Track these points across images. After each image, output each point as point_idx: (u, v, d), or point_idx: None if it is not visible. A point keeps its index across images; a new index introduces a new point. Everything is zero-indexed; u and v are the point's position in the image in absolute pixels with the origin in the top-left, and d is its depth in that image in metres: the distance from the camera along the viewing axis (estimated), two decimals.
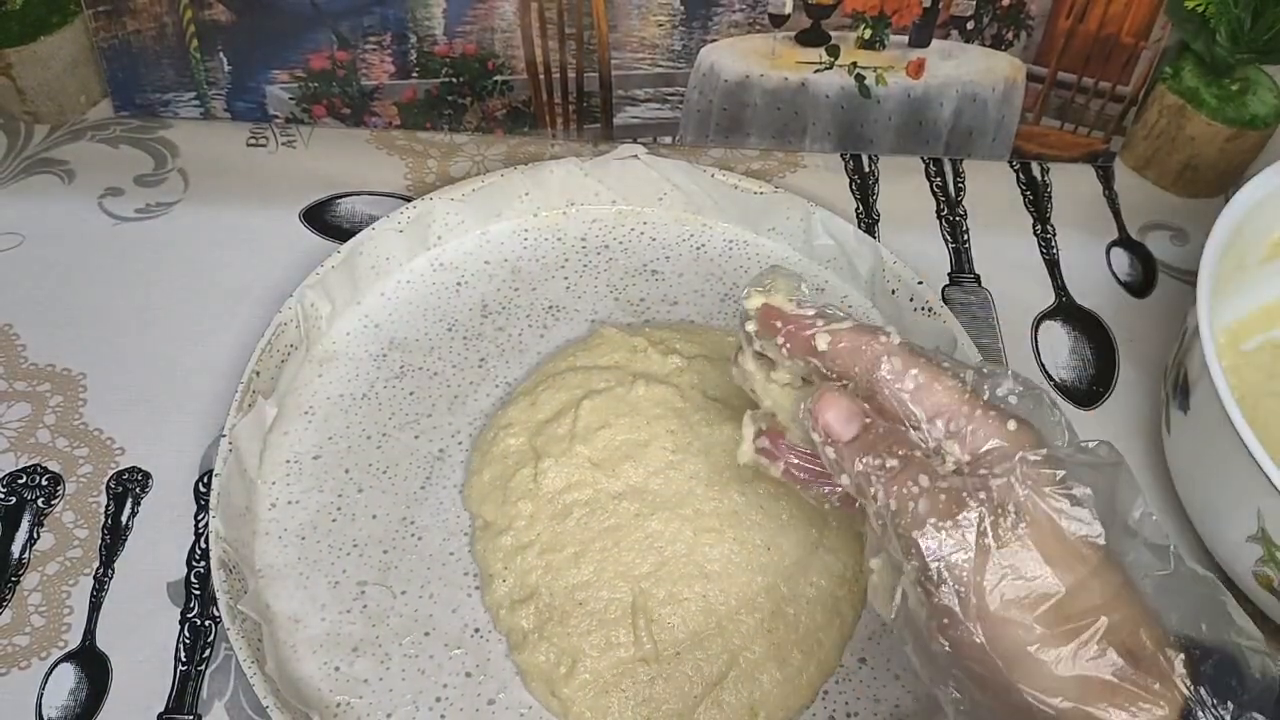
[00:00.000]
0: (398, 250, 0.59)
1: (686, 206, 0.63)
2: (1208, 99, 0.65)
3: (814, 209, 0.61)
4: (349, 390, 0.56)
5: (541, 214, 0.63)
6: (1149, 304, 0.64)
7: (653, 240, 0.62)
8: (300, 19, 0.62)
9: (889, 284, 0.59)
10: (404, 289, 0.59)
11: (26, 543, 0.51)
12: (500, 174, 0.61)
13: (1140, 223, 0.67)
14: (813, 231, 0.61)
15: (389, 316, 0.58)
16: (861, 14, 0.63)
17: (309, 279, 0.56)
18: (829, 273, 0.62)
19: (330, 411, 0.55)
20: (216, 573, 0.47)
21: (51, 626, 0.49)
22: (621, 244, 0.62)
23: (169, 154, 0.66)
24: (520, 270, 0.61)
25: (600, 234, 0.63)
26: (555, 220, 0.63)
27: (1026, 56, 0.65)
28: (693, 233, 0.63)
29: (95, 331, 0.58)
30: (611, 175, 0.62)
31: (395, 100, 0.66)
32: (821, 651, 0.48)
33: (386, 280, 0.60)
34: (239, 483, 0.51)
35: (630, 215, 0.63)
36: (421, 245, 0.60)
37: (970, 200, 0.67)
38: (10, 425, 0.55)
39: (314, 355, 0.57)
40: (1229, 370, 0.46)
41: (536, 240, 0.62)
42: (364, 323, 0.58)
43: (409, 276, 0.60)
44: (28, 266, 0.60)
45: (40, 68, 0.64)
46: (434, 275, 0.60)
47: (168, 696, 0.47)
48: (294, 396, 0.55)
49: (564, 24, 0.63)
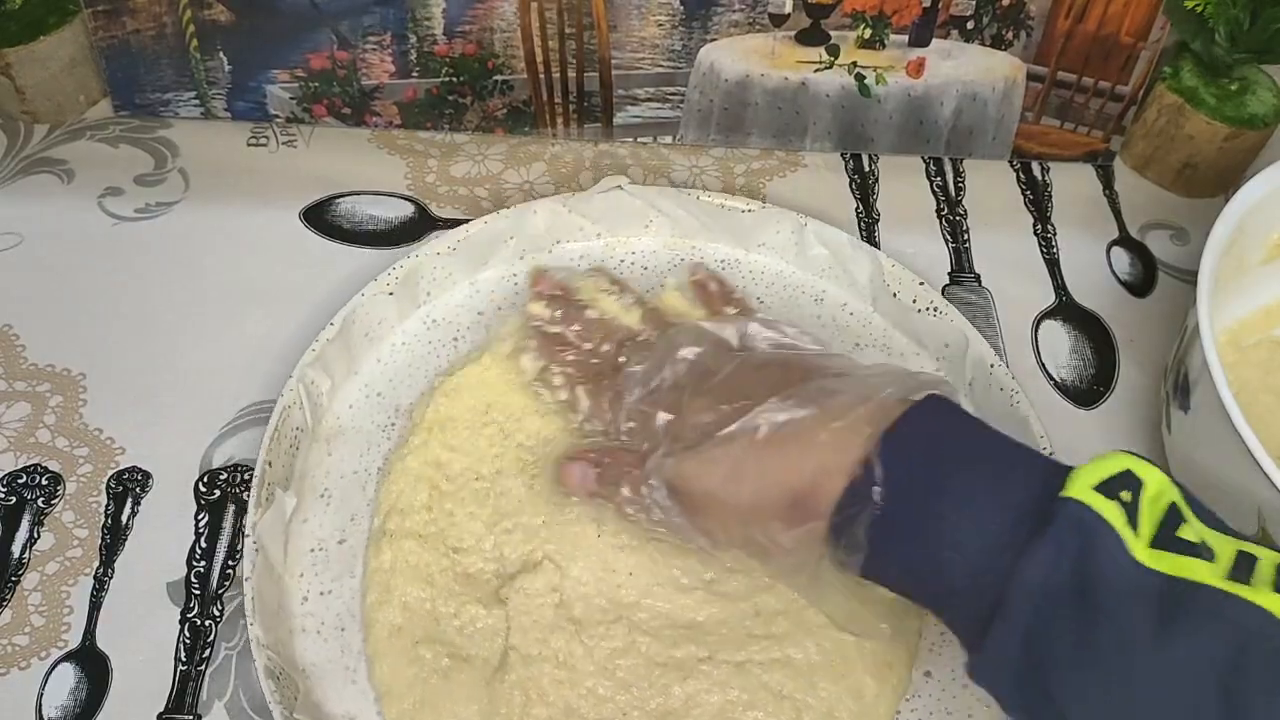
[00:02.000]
0: (389, 313, 0.57)
1: (674, 231, 0.62)
2: (1207, 98, 0.65)
3: (805, 221, 0.60)
4: (362, 466, 0.53)
5: (528, 256, 0.61)
6: (1149, 304, 0.64)
7: (644, 269, 0.61)
8: (300, 19, 0.62)
9: (890, 287, 0.59)
10: (400, 352, 0.57)
11: (26, 543, 0.51)
12: (483, 221, 0.59)
13: (1140, 222, 0.67)
14: (805, 243, 0.61)
15: (390, 383, 0.56)
16: (861, 14, 0.63)
17: (306, 357, 0.53)
18: (825, 282, 0.61)
19: (347, 491, 0.52)
20: (265, 683, 0.44)
21: (51, 626, 0.49)
22: None
23: (169, 154, 0.66)
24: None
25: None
26: (543, 261, 0.61)
27: (1026, 56, 0.65)
28: (683, 256, 0.62)
29: (95, 331, 0.58)
30: (595, 209, 0.61)
31: (396, 100, 0.66)
32: (894, 675, 0.47)
33: (381, 345, 0.57)
34: (269, 581, 0.48)
35: (618, 246, 0.62)
36: (412, 304, 0.58)
37: (970, 200, 0.68)
38: (10, 425, 0.55)
39: (320, 434, 0.54)
40: (1227, 368, 0.46)
41: (527, 284, 0.58)
42: (365, 393, 0.56)
43: (403, 338, 0.58)
44: (28, 266, 0.60)
45: (39, 67, 0.64)
46: (428, 333, 0.58)
47: (168, 696, 0.47)
48: (308, 480, 0.52)
49: (564, 24, 0.63)
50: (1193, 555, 0.35)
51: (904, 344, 0.59)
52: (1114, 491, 0.36)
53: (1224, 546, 0.36)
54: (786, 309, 0.60)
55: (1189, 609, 0.34)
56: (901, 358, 0.59)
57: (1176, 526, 0.36)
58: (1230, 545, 0.36)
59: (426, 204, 0.65)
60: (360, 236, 0.63)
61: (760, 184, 0.67)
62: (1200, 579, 0.35)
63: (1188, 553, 0.36)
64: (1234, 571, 0.35)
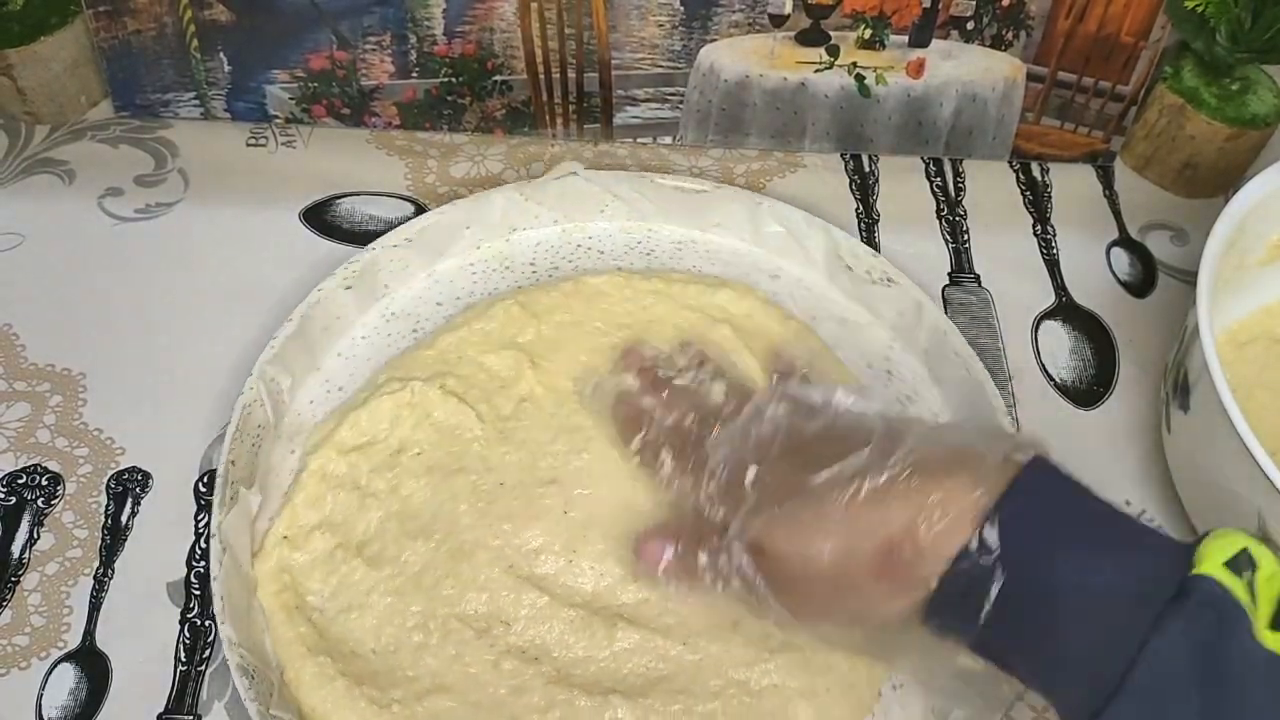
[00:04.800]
0: (348, 307, 0.57)
1: (630, 215, 0.62)
2: (1208, 98, 0.65)
3: (761, 200, 0.61)
4: None
5: (484, 245, 0.61)
6: (1149, 304, 0.64)
7: (601, 253, 0.62)
8: (300, 19, 0.62)
9: (844, 261, 0.60)
10: (360, 345, 0.57)
11: (26, 543, 0.51)
12: (439, 211, 0.59)
13: (1140, 223, 0.67)
14: (760, 221, 0.61)
15: (350, 377, 0.56)
16: (861, 14, 0.63)
17: (265, 354, 0.53)
18: (782, 260, 0.62)
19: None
20: (239, 681, 0.44)
21: (51, 626, 0.49)
22: (570, 261, 0.61)
23: (169, 154, 0.66)
24: (474, 306, 0.58)
25: (547, 255, 0.61)
26: (500, 249, 0.61)
27: (1026, 56, 0.65)
28: (639, 240, 0.62)
29: (95, 331, 0.58)
30: (551, 196, 0.61)
31: (395, 100, 0.66)
32: (855, 694, 0.47)
33: (341, 340, 0.57)
34: (237, 581, 0.47)
35: (574, 231, 0.62)
36: (371, 297, 0.58)
37: (970, 200, 0.67)
38: (10, 425, 0.55)
39: (283, 431, 0.54)
40: (1225, 365, 0.46)
41: (485, 272, 0.60)
42: (326, 388, 0.56)
43: (363, 332, 0.58)
44: (28, 266, 0.60)
45: (40, 68, 0.64)
46: (387, 326, 0.58)
47: (168, 696, 0.47)
48: (272, 477, 0.52)
49: (564, 24, 0.63)
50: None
51: (860, 314, 0.60)
52: (1239, 571, 0.36)
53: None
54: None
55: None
56: (858, 328, 0.60)
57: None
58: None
59: (426, 204, 0.65)
60: (360, 237, 0.63)
61: (760, 184, 0.67)
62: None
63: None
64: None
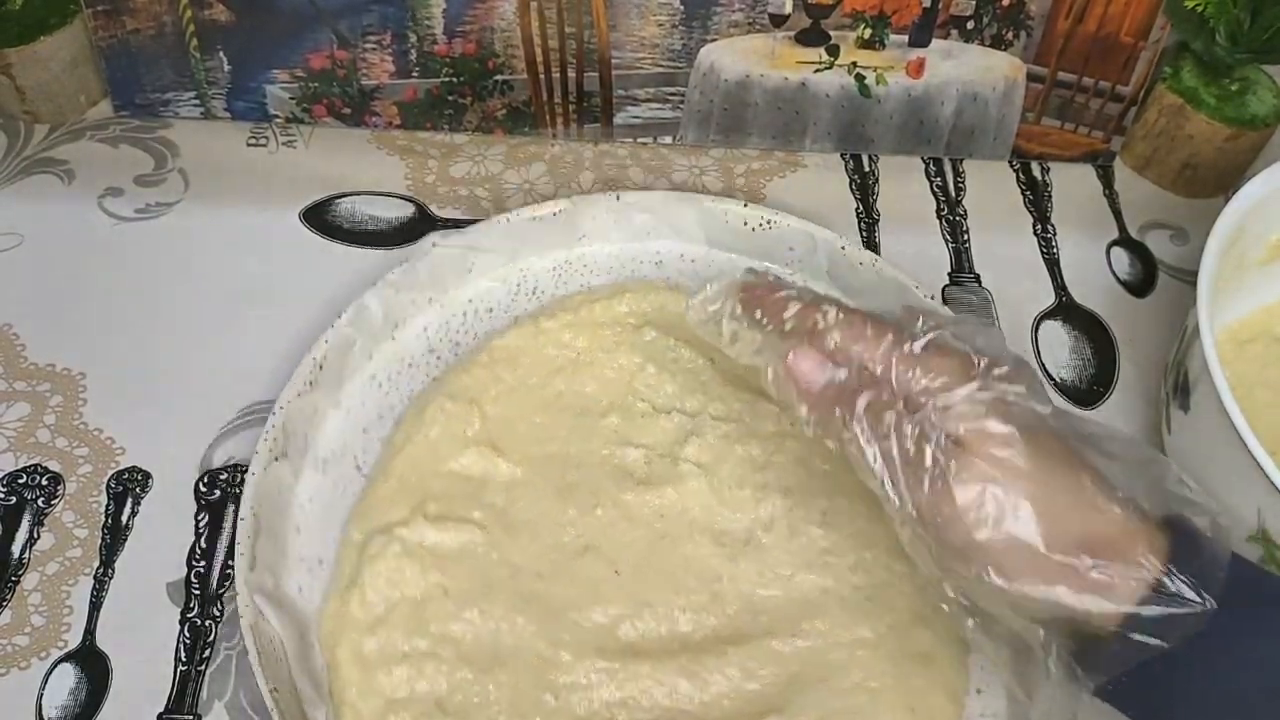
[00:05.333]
0: (285, 478, 0.52)
1: (498, 262, 0.60)
2: (1207, 99, 0.65)
3: (618, 195, 0.60)
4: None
5: (376, 354, 0.56)
6: (1149, 304, 0.64)
7: (490, 311, 0.58)
8: (300, 19, 0.62)
9: (719, 219, 0.60)
10: (312, 509, 0.52)
11: (26, 543, 0.51)
12: (322, 341, 0.54)
13: (1140, 222, 0.67)
14: (625, 216, 0.60)
15: (323, 545, 0.51)
16: (861, 14, 0.63)
17: (239, 565, 0.47)
18: (657, 242, 0.61)
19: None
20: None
21: (51, 626, 0.49)
22: (464, 331, 0.58)
23: (169, 154, 0.66)
24: (402, 419, 0.54)
25: (441, 335, 0.58)
26: (393, 350, 0.57)
27: (1026, 56, 0.65)
28: (517, 282, 0.60)
29: (95, 331, 0.58)
30: (421, 277, 0.57)
31: (395, 100, 0.66)
32: (942, 673, 0.47)
33: (291, 515, 0.51)
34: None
35: (450, 303, 0.58)
36: (300, 456, 0.53)
37: (970, 200, 0.67)
38: (10, 425, 0.55)
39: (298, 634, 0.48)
40: (1225, 364, 0.46)
41: (391, 379, 0.56)
42: (306, 568, 0.50)
43: (308, 494, 0.52)
44: (28, 266, 0.60)
45: (40, 68, 0.64)
46: (326, 477, 0.53)
47: (168, 696, 0.47)
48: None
49: (564, 24, 0.63)
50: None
51: (755, 264, 0.59)
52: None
53: None
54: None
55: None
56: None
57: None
58: None
59: (426, 204, 0.65)
60: (360, 237, 0.63)
61: (760, 184, 0.67)
62: None
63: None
64: None
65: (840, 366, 0.41)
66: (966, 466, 0.37)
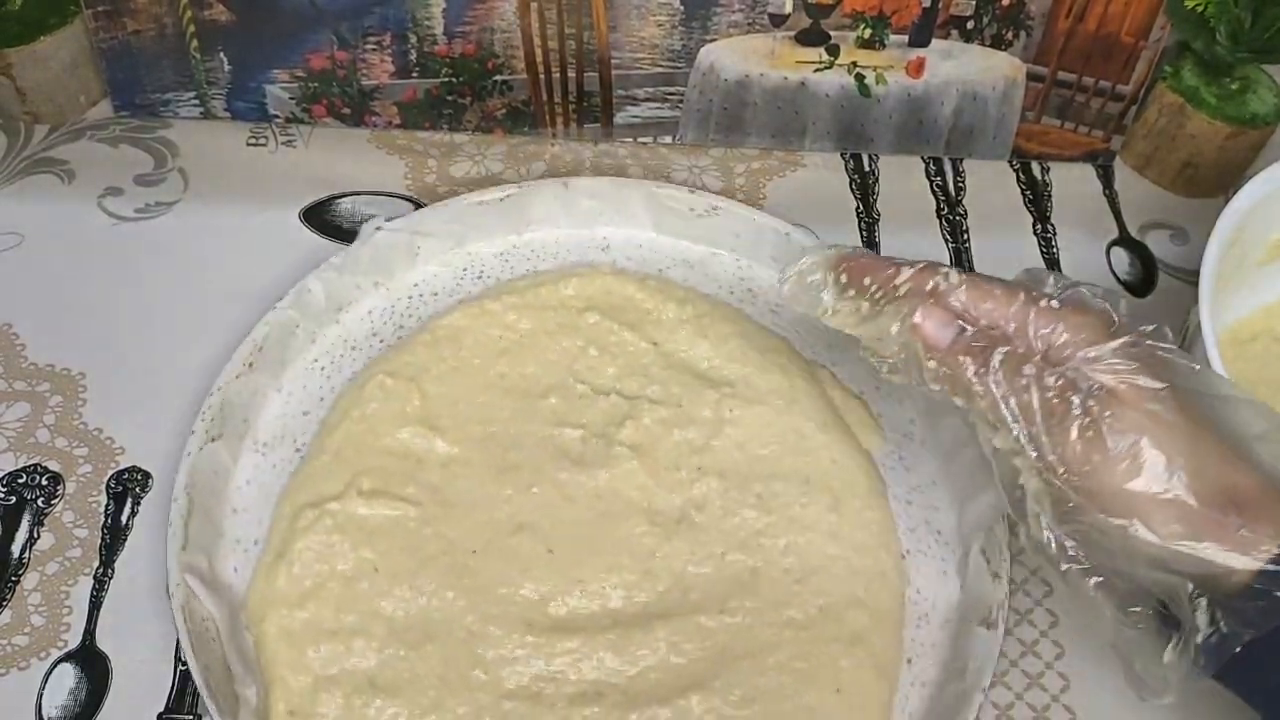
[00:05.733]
0: (222, 459, 0.52)
1: (444, 247, 0.60)
2: (1207, 98, 0.65)
3: (565, 182, 0.60)
4: None
5: (320, 337, 0.57)
6: (1149, 304, 0.64)
7: (435, 295, 0.59)
8: (300, 19, 0.62)
9: (665, 206, 0.60)
10: (249, 490, 0.52)
11: (26, 543, 0.51)
12: (264, 323, 0.54)
13: (1140, 222, 0.67)
14: (572, 203, 0.60)
15: (258, 526, 0.51)
16: (861, 13, 0.63)
17: (171, 547, 0.47)
18: (605, 229, 0.61)
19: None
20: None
21: (51, 626, 0.49)
22: (409, 315, 0.58)
23: (169, 154, 0.66)
24: (342, 396, 0.55)
25: (385, 319, 0.58)
26: (336, 334, 0.57)
27: (1026, 56, 0.65)
28: (464, 266, 0.60)
29: (95, 331, 0.58)
30: (365, 261, 0.58)
31: (395, 100, 0.66)
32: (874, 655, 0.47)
33: (228, 497, 0.52)
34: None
35: (396, 287, 0.59)
36: (237, 438, 0.53)
37: (970, 200, 0.67)
38: (10, 425, 0.55)
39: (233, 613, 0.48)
40: (1226, 364, 0.46)
41: (333, 363, 0.56)
42: (242, 548, 0.50)
43: (246, 476, 0.52)
44: (28, 266, 0.60)
45: (40, 68, 0.64)
46: (266, 459, 0.53)
47: (168, 696, 0.47)
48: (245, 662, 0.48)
49: (564, 24, 0.63)
50: None
51: (700, 252, 0.61)
52: None
53: None
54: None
55: None
56: (701, 264, 0.61)
57: None
58: None
59: (426, 204, 0.64)
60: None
61: (760, 184, 0.67)
62: None
63: None
64: None
65: (967, 325, 0.42)
66: (1120, 417, 0.38)
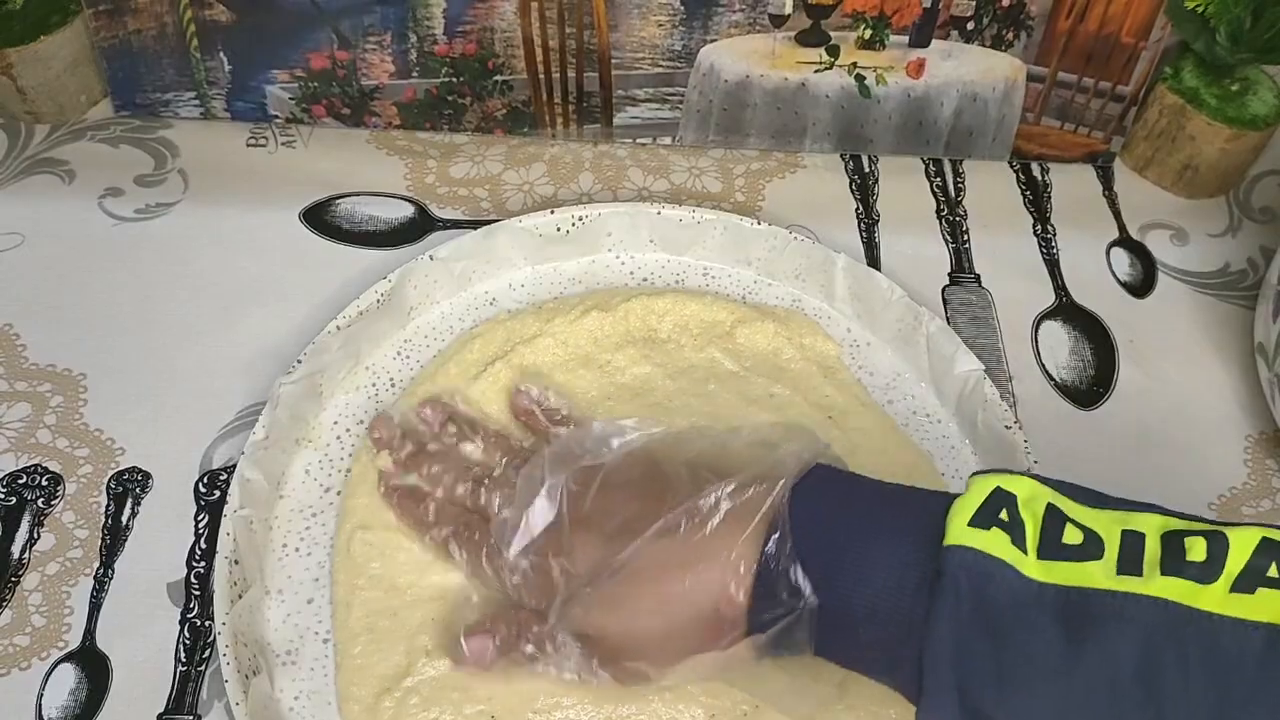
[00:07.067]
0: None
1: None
2: (1208, 99, 0.65)
3: (430, 254, 0.59)
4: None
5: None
6: (1149, 304, 0.64)
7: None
8: (300, 19, 0.62)
9: (535, 234, 0.60)
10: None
11: (26, 543, 0.51)
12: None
13: (1140, 223, 0.67)
14: (444, 270, 0.59)
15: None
16: (861, 14, 0.63)
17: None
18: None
19: None
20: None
21: (51, 627, 0.49)
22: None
23: (169, 154, 0.66)
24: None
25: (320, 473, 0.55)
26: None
27: (1026, 56, 0.65)
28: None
29: (95, 331, 0.58)
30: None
31: (395, 100, 0.66)
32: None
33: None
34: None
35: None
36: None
37: (970, 200, 0.67)
38: (10, 425, 0.55)
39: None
40: None
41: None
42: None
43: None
44: (28, 266, 0.60)
45: (41, 68, 0.64)
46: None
47: (168, 696, 0.47)
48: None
49: (564, 24, 0.63)
50: (1081, 559, 0.35)
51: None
52: (992, 517, 0.36)
53: (1110, 529, 0.36)
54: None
55: (1091, 617, 0.34)
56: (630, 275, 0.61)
57: (1061, 527, 0.36)
58: (1115, 525, 0.36)
59: (426, 204, 0.65)
60: (360, 237, 0.63)
61: (760, 185, 0.67)
62: (1093, 584, 0.35)
63: (1075, 558, 0.35)
64: (1123, 563, 0.35)
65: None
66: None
